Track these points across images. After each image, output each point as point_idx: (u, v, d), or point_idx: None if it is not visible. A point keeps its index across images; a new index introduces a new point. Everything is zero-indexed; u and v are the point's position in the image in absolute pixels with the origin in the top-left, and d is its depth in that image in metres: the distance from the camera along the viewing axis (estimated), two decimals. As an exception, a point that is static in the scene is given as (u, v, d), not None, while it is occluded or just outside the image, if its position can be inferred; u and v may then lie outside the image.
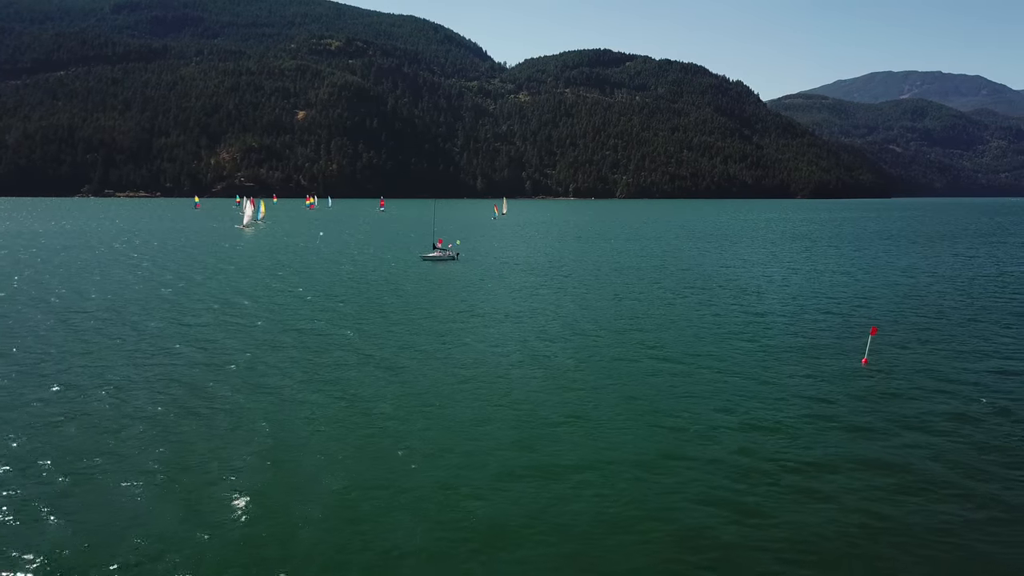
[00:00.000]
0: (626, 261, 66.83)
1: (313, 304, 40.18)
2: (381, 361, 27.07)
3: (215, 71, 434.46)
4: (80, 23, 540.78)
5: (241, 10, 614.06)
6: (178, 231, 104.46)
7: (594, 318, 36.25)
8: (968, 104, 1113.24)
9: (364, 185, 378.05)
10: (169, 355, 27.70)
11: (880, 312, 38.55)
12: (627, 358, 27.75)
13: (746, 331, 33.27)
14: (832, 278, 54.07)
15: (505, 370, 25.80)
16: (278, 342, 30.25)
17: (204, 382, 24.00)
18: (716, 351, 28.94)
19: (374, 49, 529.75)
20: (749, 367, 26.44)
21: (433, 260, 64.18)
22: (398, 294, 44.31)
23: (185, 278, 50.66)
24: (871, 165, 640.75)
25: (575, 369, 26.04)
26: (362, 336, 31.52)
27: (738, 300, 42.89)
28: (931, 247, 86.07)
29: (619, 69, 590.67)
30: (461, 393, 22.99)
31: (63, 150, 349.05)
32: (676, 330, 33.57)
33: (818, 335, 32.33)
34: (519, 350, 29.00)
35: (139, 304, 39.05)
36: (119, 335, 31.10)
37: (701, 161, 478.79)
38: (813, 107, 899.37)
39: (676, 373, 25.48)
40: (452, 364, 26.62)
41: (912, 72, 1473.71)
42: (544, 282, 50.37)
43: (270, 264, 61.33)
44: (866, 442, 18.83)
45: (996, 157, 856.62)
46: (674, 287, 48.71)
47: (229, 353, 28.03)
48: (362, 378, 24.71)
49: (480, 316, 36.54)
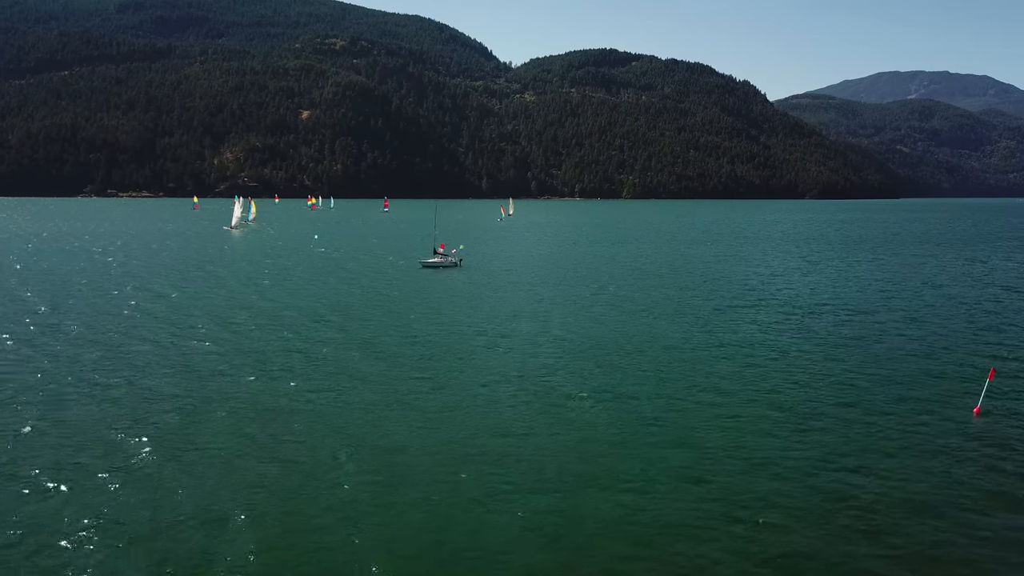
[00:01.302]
0: (650, 267, 61.98)
1: (280, 327, 34.13)
2: (354, 408, 22.45)
3: (219, 71, 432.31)
4: (85, 23, 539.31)
5: (246, 10, 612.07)
6: (166, 233, 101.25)
7: (620, 344, 30.69)
8: (976, 104, 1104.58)
9: (368, 185, 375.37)
10: (98, 384, 24.00)
11: (995, 345, 30.97)
12: (668, 396, 22.88)
13: (821, 366, 26.94)
14: (919, 295, 46.18)
15: (508, 426, 20.39)
16: (224, 380, 24.66)
17: (139, 417, 20.90)
18: (784, 396, 23.16)
19: (379, 49, 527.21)
20: (829, 411, 21.57)
21: (433, 267, 59.59)
22: (388, 312, 38.62)
23: (150, 288, 46.77)
24: (879, 165, 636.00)
25: (610, 434, 19.58)
26: (334, 370, 26.25)
27: (804, 324, 35.59)
28: (1010, 253, 78.76)
29: (625, 69, 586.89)
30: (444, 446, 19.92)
31: (66, 150, 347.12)
32: (729, 365, 27.08)
33: (914, 373, 26.12)
34: (531, 401, 23.33)
35: (84, 320, 35.54)
36: (44, 353, 28.08)
37: (708, 161, 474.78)
38: (820, 107, 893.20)
39: (736, 425, 20.35)
40: (439, 411, 22.05)
41: (919, 72, 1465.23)
42: (559, 296, 44.69)
43: (248, 273, 56.07)
44: (985, 517, 15.15)
45: (1004, 157, 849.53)
46: (717, 303, 42.08)
47: (168, 387, 24.15)
48: (325, 430, 21.38)
49: (480, 339, 31.55)
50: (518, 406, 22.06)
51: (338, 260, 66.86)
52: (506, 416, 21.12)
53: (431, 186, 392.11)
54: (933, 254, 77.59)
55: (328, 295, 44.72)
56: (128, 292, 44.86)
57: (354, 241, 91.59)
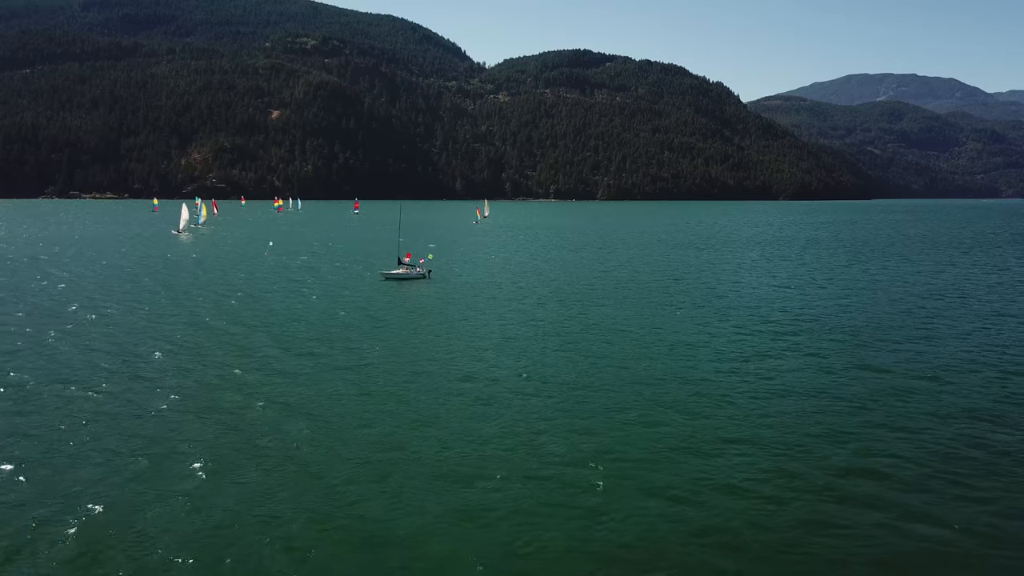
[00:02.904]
0: (645, 277, 55.63)
1: (203, 354, 28.97)
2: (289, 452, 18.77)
3: (187, 69, 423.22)
4: (48, 20, 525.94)
5: (215, 8, 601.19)
6: (111, 237, 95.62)
7: (617, 383, 24.69)
8: (943, 106, 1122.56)
9: (340, 186, 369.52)
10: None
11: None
12: (694, 451, 18.52)
13: (889, 409, 21.73)
14: (969, 307, 41.45)
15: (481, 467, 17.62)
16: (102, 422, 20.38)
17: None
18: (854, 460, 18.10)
19: (351, 48, 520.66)
20: (909, 478, 17.09)
21: (397, 279, 52.96)
22: (336, 336, 32.62)
23: (54, 304, 41.36)
24: (850, 167, 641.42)
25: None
26: (261, 410, 21.63)
27: (852, 356, 28.45)
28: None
29: (599, 69, 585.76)
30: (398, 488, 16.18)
31: (27, 150, 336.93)
32: (772, 416, 21.26)
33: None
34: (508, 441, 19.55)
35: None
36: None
37: (682, 162, 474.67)
38: (792, 109, 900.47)
39: (784, 497, 15.96)
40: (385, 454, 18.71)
41: (888, 75, 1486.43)
42: (547, 319, 37.64)
43: (181, 284, 49.65)
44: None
45: (972, 159, 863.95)
46: (735, 324, 34.95)
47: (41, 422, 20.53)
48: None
49: (447, 386, 24.60)
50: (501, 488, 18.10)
51: (288, 270, 60.00)
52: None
53: (404, 187, 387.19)
54: (955, 261, 71.43)
55: (259, 318, 37.31)
56: (31, 306, 40.55)
57: (314, 246, 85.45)
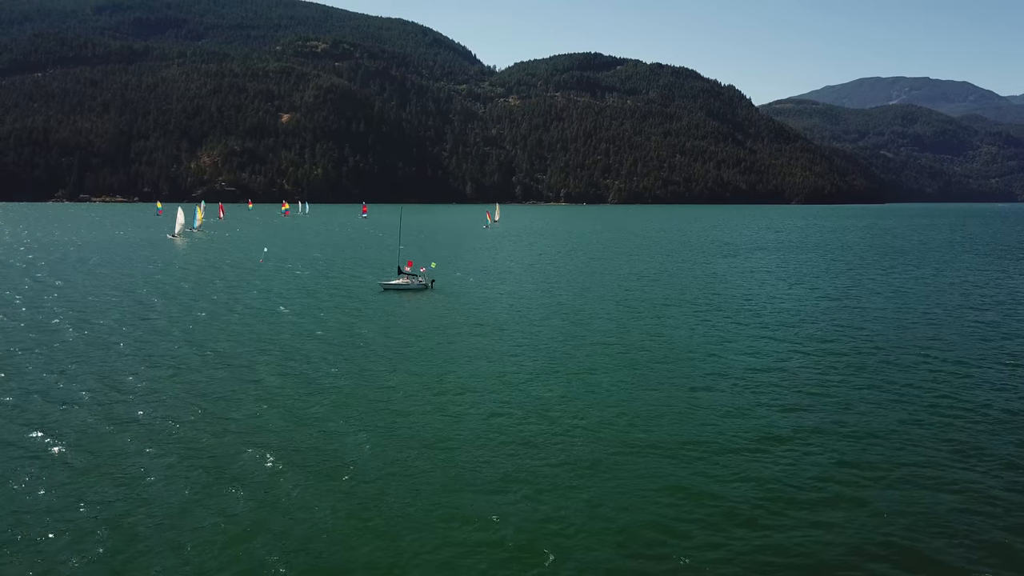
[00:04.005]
0: (675, 290, 50.64)
1: (156, 376, 26.33)
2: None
3: (197, 73, 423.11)
4: (61, 24, 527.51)
5: (226, 12, 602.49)
6: (105, 242, 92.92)
7: (655, 421, 21.46)
8: (956, 110, 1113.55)
9: (350, 190, 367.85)
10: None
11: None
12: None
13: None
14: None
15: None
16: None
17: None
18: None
19: (361, 51, 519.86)
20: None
21: (397, 290, 49.49)
22: (311, 362, 28.69)
23: (26, 309, 39.93)
24: (863, 170, 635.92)
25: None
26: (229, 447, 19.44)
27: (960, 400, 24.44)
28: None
29: (610, 73, 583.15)
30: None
31: (37, 153, 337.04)
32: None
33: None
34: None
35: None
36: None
37: (694, 166, 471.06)
38: (804, 112, 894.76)
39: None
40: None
41: (900, 78, 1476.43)
42: (567, 342, 32.95)
43: (167, 294, 46.96)
44: None
45: (986, 163, 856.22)
46: (783, 344, 31.35)
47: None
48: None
49: (446, 428, 21.40)
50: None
51: (279, 279, 56.48)
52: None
53: (414, 191, 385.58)
54: (1006, 269, 68.32)
55: (238, 334, 34.04)
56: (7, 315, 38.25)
57: (314, 252, 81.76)
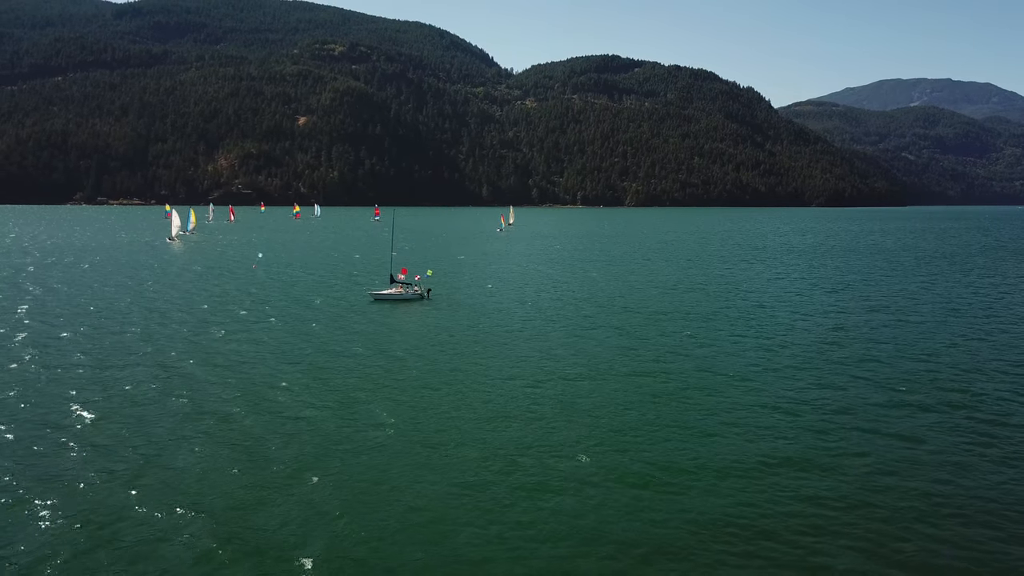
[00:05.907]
0: (705, 303, 45.94)
1: (109, 392, 24.25)
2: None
3: (215, 76, 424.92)
4: (82, 28, 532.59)
5: (245, 16, 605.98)
6: (105, 247, 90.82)
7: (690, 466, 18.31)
8: (979, 112, 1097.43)
9: (366, 193, 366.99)
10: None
11: None
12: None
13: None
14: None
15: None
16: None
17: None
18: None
19: (378, 54, 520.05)
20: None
21: (390, 300, 46.08)
22: (295, 382, 26.05)
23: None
24: (885, 173, 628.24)
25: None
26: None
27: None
28: None
29: (627, 75, 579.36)
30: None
31: (56, 156, 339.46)
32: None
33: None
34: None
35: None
36: None
37: (713, 168, 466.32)
38: (824, 114, 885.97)
39: None
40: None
41: (922, 79, 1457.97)
42: (580, 369, 28.34)
43: (147, 303, 44.42)
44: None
45: (1010, 165, 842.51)
46: (849, 369, 28.27)
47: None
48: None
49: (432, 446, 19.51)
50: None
51: (267, 287, 53.25)
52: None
53: (430, 194, 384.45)
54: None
55: (209, 353, 30.88)
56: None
57: (313, 257, 78.58)
